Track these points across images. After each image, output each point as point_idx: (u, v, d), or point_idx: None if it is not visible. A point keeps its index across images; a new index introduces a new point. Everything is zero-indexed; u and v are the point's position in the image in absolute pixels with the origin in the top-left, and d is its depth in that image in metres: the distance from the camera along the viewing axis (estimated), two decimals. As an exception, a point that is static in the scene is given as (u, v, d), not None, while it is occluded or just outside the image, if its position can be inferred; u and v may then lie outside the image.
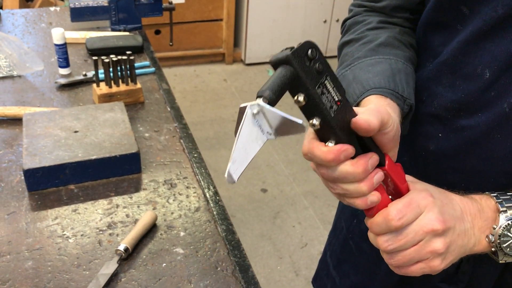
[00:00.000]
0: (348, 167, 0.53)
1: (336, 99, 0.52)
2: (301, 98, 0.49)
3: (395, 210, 0.55)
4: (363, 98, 0.66)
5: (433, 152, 0.72)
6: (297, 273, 2.15)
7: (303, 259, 2.21)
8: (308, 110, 0.51)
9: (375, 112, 0.54)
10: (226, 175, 0.45)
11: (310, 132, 0.54)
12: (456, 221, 0.58)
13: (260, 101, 0.46)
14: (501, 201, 0.61)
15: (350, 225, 0.97)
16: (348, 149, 0.53)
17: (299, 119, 0.47)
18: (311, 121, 0.51)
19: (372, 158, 0.55)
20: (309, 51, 0.49)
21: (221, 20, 3.55)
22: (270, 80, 0.48)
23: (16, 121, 1.18)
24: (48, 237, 0.89)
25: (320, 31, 3.71)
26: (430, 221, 0.55)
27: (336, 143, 0.53)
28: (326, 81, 0.51)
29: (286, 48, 0.49)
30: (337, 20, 3.68)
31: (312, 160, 0.54)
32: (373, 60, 0.71)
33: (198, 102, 3.28)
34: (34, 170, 0.96)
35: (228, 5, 3.46)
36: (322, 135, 0.53)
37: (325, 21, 3.68)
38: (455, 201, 0.60)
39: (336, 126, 0.52)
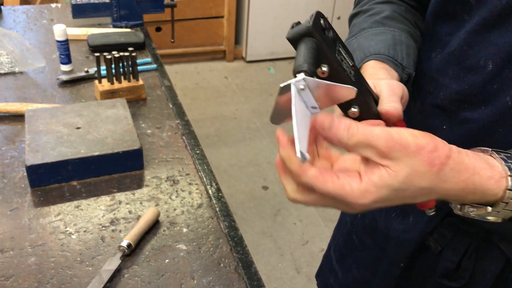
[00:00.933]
0: None
1: (351, 64, 0.52)
2: (325, 68, 0.49)
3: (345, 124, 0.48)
4: (363, 64, 0.68)
5: None
6: (298, 270, 2.15)
7: (304, 257, 2.21)
8: (331, 81, 0.50)
9: (394, 95, 0.56)
10: (298, 155, 0.43)
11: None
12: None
13: (303, 75, 0.45)
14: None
15: (354, 220, 0.97)
16: (382, 123, 0.54)
17: (348, 85, 0.47)
18: None
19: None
20: (322, 21, 0.49)
21: (222, 17, 3.55)
22: (301, 54, 0.47)
23: (18, 117, 1.17)
24: (51, 233, 0.89)
25: (321, 28, 3.71)
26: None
27: (359, 108, 0.53)
28: (340, 48, 0.51)
29: (296, 23, 0.49)
30: (339, 18, 3.67)
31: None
32: (377, 30, 0.73)
33: (199, 99, 3.28)
34: (37, 167, 0.96)
35: (229, 2, 3.45)
36: (345, 103, 0.53)
37: (326, 19, 3.67)
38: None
39: (359, 90, 0.51)
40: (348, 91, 0.47)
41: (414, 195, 0.49)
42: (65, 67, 1.39)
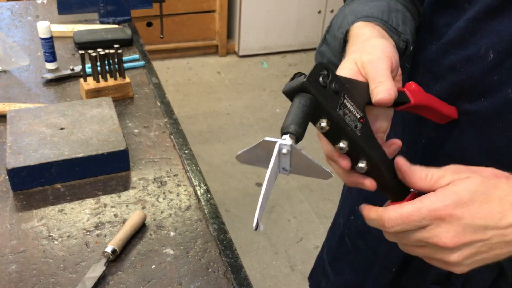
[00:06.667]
0: None
1: (358, 116, 0.50)
2: (324, 124, 0.47)
3: (387, 218, 0.52)
4: (350, 26, 0.64)
5: (433, 140, 0.69)
6: (293, 268, 2.13)
7: (299, 254, 2.19)
8: (333, 135, 0.48)
9: (379, 72, 0.53)
10: (254, 225, 0.43)
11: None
12: (485, 233, 0.52)
13: (288, 139, 0.44)
14: None
15: (347, 221, 0.94)
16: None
17: (327, 168, 0.46)
18: (337, 145, 0.49)
19: None
20: (324, 73, 0.47)
21: (214, 11, 3.50)
22: (291, 112, 0.45)
23: (0, 118, 1.14)
24: (33, 239, 0.86)
25: (314, 22, 3.67)
26: (439, 235, 0.51)
27: (367, 163, 0.51)
28: (345, 100, 0.48)
29: (296, 74, 0.47)
30: (332, 11, 3.64)
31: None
32: None
33: (191, 95, 3.24)
34: (19, 169, 0.93)
35: (220, -4, 3.41)
36: (352, 157, 0.51)
37: (319, 12, 3.63)
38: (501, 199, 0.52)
39: (365, 145, 0.50)
40: (323, 173, 0.46)
41: (501, 205, 0.50)
42: (50, 65, 1.35)
